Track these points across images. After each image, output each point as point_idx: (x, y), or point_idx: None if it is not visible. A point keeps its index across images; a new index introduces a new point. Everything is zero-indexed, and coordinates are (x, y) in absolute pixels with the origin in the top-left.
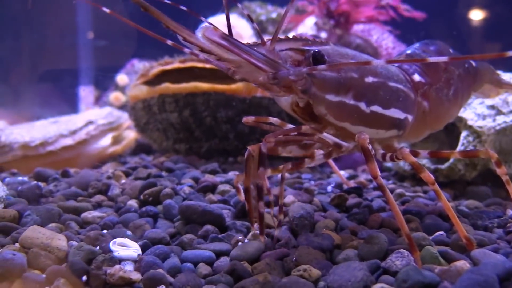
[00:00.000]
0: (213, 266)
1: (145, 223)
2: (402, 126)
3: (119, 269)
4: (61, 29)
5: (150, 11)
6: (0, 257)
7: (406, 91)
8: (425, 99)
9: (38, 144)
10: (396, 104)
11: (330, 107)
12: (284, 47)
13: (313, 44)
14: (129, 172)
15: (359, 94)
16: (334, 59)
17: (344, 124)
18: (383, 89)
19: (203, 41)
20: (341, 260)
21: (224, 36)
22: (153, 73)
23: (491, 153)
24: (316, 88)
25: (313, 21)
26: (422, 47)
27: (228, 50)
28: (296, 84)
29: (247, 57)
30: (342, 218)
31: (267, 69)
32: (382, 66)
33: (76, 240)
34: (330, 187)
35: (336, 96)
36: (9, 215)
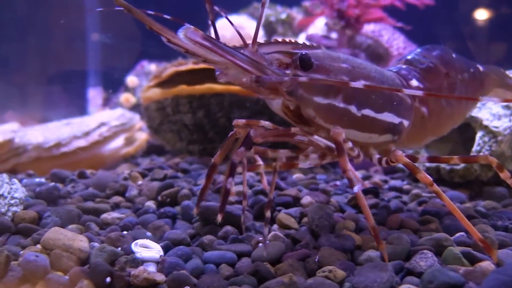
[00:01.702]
0: (234, 267)
1: (164, 224)
2: (397, 131)
3: (143, 270)
4: (69, 31)
5: (133, 12)
6: (23, 259)
7: (402, 96)
8: (423, 104)
9: (52, 145)
10: (390, 108)
11: (318, 110)
12: (273, 50)
13: (303, 47)
14: (145, 173)
15: (350, 97)
16: (324, 62)
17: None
18: (376, 93)
19: (186, 42)
20: (363, 261)
21: (206, 37)
22: (167, 74)
23: (490, 159)
24: (303, 90)
25: (324, 22)
26: (423, 53)
27: (211, 51)
28: (281, 86)
29: (230, 57)
30: (360, 218)
31: (251, 70)
32: (376, 69)
33: (97, 241)
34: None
35: (325, 98)
36: (29, 216)
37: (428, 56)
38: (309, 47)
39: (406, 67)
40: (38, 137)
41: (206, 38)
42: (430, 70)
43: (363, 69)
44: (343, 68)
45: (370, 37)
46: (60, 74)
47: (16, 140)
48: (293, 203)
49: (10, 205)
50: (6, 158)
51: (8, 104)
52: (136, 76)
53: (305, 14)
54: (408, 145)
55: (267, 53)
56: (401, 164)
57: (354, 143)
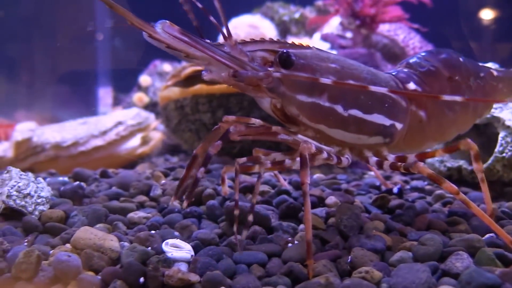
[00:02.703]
0: (265, 268)
1: (191, 223)
2: (388, 133)
3: (178, 270)
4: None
5: (114, 8)
6: (55, 259)
7: (395, 98)
8: (421, 108)
9: (70, 144)
10: (380, 110)
11: (302, 108)
12: (259, 48)
13: (290, 47)
14: (167, 172)
15: (335, 96)
16: (310, 61)
17: (319, 126)
18: (366, 94)
19: (165, 36)
20: (395, 262)
21: (182, 31)
22: (186, 74)
23: (471, 144)
24: (285, 88)
25: (338, 21)
26: (426, 56)
27: (188, 44)
28: (261, 82)
29: (207, 52)
30: (387, 219)
31: (228, 64)
32: (369, 71)
33: (126, 240)
34: (396, 188)
35: (308, 97)
36: (56, 215)
37: (431, 60)
38: (298, 47)
39: (407, 70)
40: (56, 136)
41: (183, 32)
42: (431, 74)
43: (354, 70)
44: (330, 68)
45: (386, 36)
46: (71, 73)
47: (34, 139)
48: (318, 203)
49: (37, 204)
50: (24, 157)
51: (19, 103)
52: (149, 75)
53: (318, 13)
54: (405, 149)
55: (252, 51)
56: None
57: (343, 144)
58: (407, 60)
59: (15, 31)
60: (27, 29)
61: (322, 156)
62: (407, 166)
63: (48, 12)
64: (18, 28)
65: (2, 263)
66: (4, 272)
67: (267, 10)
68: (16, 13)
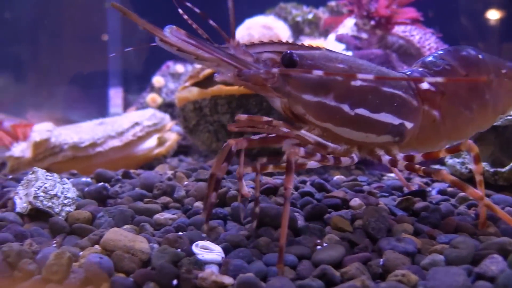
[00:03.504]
0: (296, 270)
1: (218, 225)
2: (398, 132)
3: (211, 273)
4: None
5: (127, 14)
6: (87, 260)
7: (405, 98)
8: (434, 108)
9: (88, 145)
10: (389, 109)
11: (308, 107)
12: (268, 50)
13: (299, 48)
14: (189, 173)
15: (342, 96)
16: (317, 62)
17: (326, 125)
18: (373, 93)
19: (175, 40)
20: (428, 265)
21: (189, 35)
22: (204, 75)
23: (471, 145)
24: (291, 87)
25: (353, 22)
26: (443, 55)
27: (195, 47)
28: (267, 82)
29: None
30: (413, 222)
31: (232, 63)
32: (379, 71)
33: (154, 242)
34: (434, 191)
35: (314, 96)
36: (83, 216)
37: (447, 58)
38: (307, 48)
39: (421, 70)
40: (74, 137)
41: (189, 36)
42: (446, 73)
43: (363, 70)
44: (337, 68)
45: (402, 37)
46: (82, 74)
47: (52, 140)
48: (341, 205)
49: (63, 205)
50: (42, 157)
51: (30, 103)
52: (162, 76)
53: (331, 13)
54: (418, 149)
55: (260, 52)
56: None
57: (351, 142)
58: (423, 59)
59: (26, 33)
60: (37, 31)
61: (315, 158)
62: (429, 171)
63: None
64: (29, 30)
65: (32, 265)
66: (34, 274)
67: (280, 10)
68: (27, 14)
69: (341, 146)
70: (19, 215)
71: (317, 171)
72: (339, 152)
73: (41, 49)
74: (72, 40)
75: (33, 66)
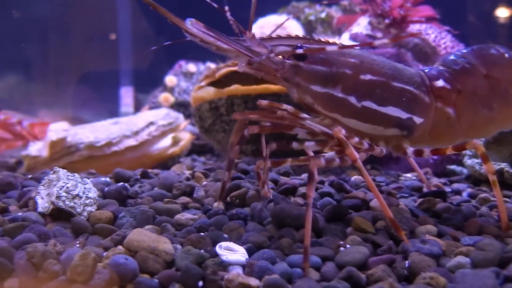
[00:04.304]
0: (320, 272)
1: (239, 226)
2: (405, 126)
3: (237, 274)
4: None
5: (157, 8)
6: (112, 261)
7: (416, 93)
8: (449, 105)
9: (104, 144)
10: (396, 103)
11: (316, 97)
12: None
13: (314, 42)
14: (207, 173)
15: (349, 88)
16: (329, 56)
17: (334, 115)
18: (382, 87)
19: (196, 31)
20: (454, 268)
21: (207, 27)
22: (220, 74)
23: (476, 144)
24: (300, 78)
25: (367, 21)
26: (465, 53)
27: (212, 37)
28: (277, 72)
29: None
30: (436, 223)
31: (244, 53)
32: (392, 67)
33: (176, 243)
34: (465, 193)
35: (322, 87)
36: (105, 216)
37: (468, 57)
38: (322, 43)
39: (441, 68)
40: (90, 136)
41: (207, 27)
42: (465, 71)
43: (375, 65)
44: (349, 62)
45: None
46: (93, 73)
47: (68, 139)
48: (362, 205)
49: (85, 205)
50: (59, 157)
51: (41, 103)
52: (174, 75)
53: (343, 12)
54: (433, 144)
55: (276, 45)
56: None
57: (361, 133)
58: (444, 58)
59: (37, 32)
60: (49, 30)
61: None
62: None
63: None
64: (40, 29)
65: (57, 265)
66: (59, 274)
67: (293, 10)
68: (38, 14)
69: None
70: (41, 215)
71: (334, 171)
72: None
73: (52, 48)
74: (83, 39)
75: (44, 65)
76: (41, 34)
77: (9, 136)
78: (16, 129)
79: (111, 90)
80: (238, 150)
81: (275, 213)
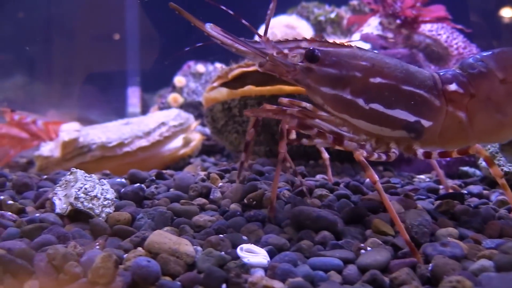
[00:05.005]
0: (342, 275)
1: (258, 228)
2: (413, 129)
3: (261, 277)
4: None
5: (181, 12)
6: (135, 264)
7: (426, 97)
8: (461, 109)
9: (115, 145)
10: (404, 106)
11: (326, 98)
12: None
13: (329, 45)
14: (222, 174)
15: (358, 91)
16: (341, 58)
17: (343, 115)
18: (391, 90)
19: (216, 34)
20: (477, 271)
21: (224, 31)
22: (233, 75)
23: (478, 149)
24: (310, 80)
25: (378, 21)
26: (484, 57)
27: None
28: (288, 74)
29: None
30: (455, 226)
31: (258, 54)
32: (404, 70)
33: (196, 245)
34: (494, 196)
35: (332, 89)
36: (123, 218)
37: (486, 61)
38: (336, 45)
39: (457, 72)
40: (101, 137)
41: (223, 31)
42: (480, 76)
43: (386, 68)
44: (360, 65)
45: (429, 36)
46: (100, 74)
47: (80, 140)
48: (379, 207)
49: (103, 206)
50: (71, 157)
51: (48, 103)
52: (183, 76)
53: (353, 12)
54: (443, 147)
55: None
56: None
57: (369, 134)
58: (463, 61)
59: (44, 32)
60: (56, 30)
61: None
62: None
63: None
64: (47, 29)
65: (78, 267)
66: (80, 277)
67: (302, 10)
68: (45, 14)
69: (359, 136)
70: (58, 216)
71: (348, 172)
72: (357, 141)
73: (59, 48)
74: (90, 39)
75: (51, 65)
76: (48, 35)
77: (26, 136)
78: (31, 128)
79: (118, 90)
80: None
81: (294, 215)
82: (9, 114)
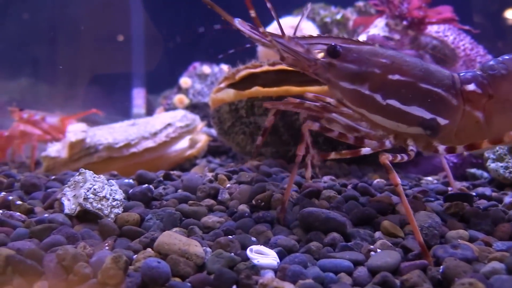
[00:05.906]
0: (352, 277)
1: (267, 229)
2: (429, 126)
3: (272, 279)
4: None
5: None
6: (145, 265)
7: (444, 95)
8: (478, 109)
9: (122, 146)
10: (421, 103)
11: (344, 93)
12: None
13: (352, 42)
14: (229, 175)
15: (376, 87)
16: (361, 55)
17: (360, 110)
18: (409, 87)
19: (243, 28)
20: (489, 274)
21: (251, 26)
22: (240, 76)
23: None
24: (331, 74)
25: (384, 22)
26: (505, 59)
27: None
28: (309, 68)
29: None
30: (465, 228)
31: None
32: (423, 69)
33: (205, 246)
34: (508, 198)
35: (351, 84)
36: (132, 218)
37: (508, 63)
38: (358, 43)
39: (478, 73)
40: (108, 137)
41: (251, 26)
42: (499, 77)
43: (404, 66)
44: (379, 62)
45: (435, 38)
46: (105, 75)
47: (87, 140)
48: (387, 209)
49: (112, 206)
50: (78, 158)
51: (53, 103)
52: (189, 77)
53: (358, 14)
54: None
55: (315, 43)
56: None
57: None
58: (484, 63)
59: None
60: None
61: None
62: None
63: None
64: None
65: (87, 268)
66: (90, 277)
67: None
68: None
69: (376, 131)
70: (67, 216)
71: (356, 174)
72: (374, 136)
73: (64, 49)
74: (96, 41)
75: (57, 66)
76: (53, 36)
77: (39, 132)
78: (42, 126)
79: (123, 92)
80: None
81: (302, 216)
82: (18, 113)
